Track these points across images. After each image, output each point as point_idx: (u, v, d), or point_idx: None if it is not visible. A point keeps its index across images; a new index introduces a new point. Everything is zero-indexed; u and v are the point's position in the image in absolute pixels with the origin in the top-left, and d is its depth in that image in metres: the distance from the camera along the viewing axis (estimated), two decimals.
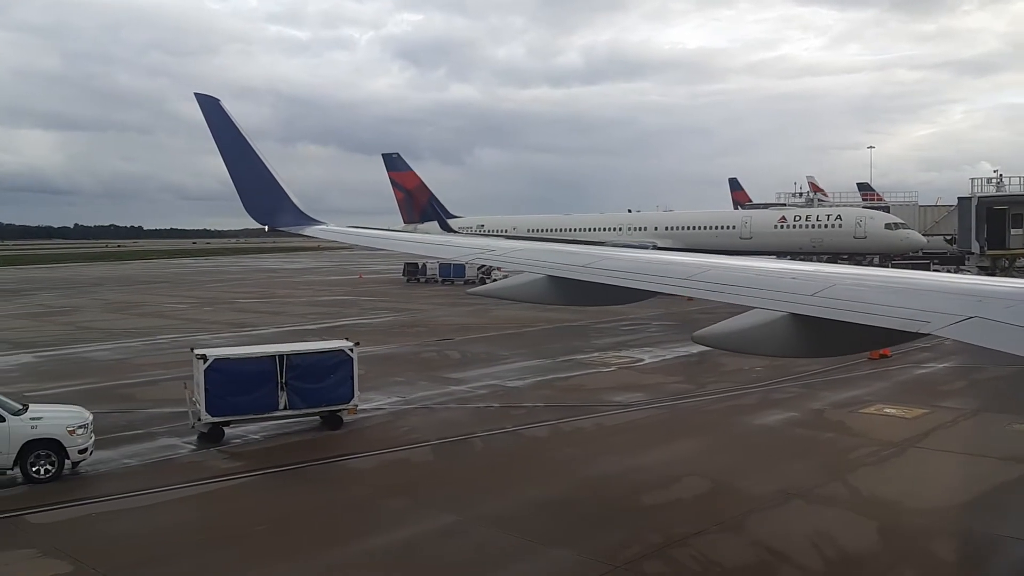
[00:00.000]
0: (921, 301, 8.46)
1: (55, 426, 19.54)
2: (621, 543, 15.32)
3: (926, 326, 7.84)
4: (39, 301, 69.02)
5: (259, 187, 18.65)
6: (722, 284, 10.39)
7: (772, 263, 15.71)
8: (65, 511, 17.71)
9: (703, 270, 11.10)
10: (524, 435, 23.34)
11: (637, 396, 27.71)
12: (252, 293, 76.08)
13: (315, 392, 23.61)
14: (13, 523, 17.04)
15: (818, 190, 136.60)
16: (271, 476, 19.94)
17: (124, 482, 19.56)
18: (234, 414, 22.88)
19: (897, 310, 8.39)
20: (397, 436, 23.40)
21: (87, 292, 78.18)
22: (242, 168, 18.59)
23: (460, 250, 17.62)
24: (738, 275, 10.81)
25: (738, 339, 9.95)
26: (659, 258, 13.46)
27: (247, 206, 18.79)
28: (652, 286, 11.31)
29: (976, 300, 8.17)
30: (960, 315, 7.79)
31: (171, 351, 38.95)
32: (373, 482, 19.57)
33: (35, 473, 19.18)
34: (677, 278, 11.03)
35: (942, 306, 8.18)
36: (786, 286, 9.85)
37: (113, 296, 73.47)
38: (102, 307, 63.22)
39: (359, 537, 16.05)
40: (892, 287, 9.46)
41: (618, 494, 18.22)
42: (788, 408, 25.88)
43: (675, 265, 11.96)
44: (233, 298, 70.52)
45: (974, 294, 8.54)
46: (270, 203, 18.85)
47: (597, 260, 12.65)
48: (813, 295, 9.21)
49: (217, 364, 22.71)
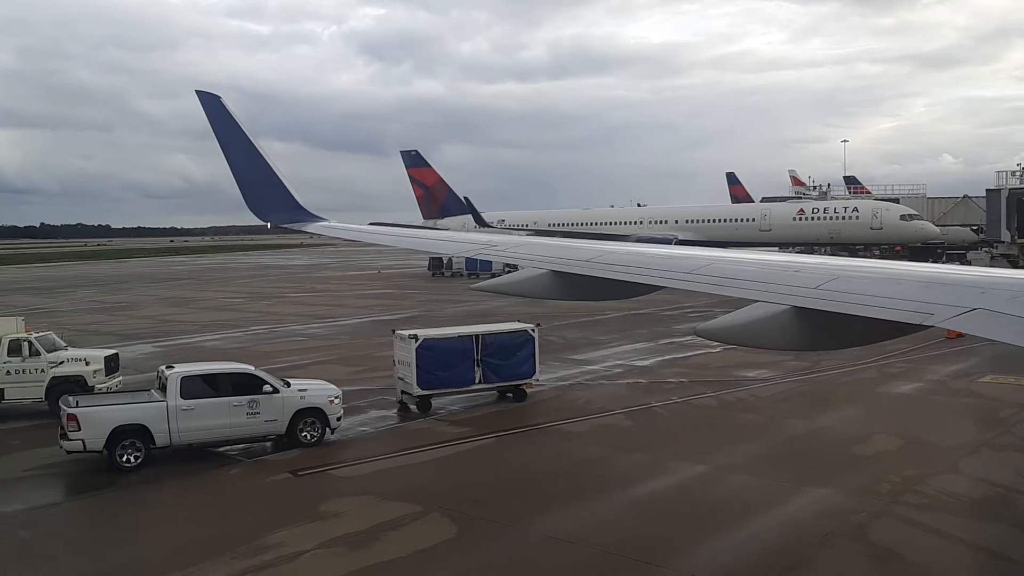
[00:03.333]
0: (925, 293, 8.51)
1: (318, 397, 22.07)
2: (870, 483, 18.20)
3: (930, 318, 7.86)
4: (85, 297, 70.44)
5: (261, 184, 18.85)
6: (726, 278, 10.49)
7: (776, 256, 15.97)
8: (361, 467, 20.26)
9: (707, 264, 11.23)
10: (695, 404, 26.13)
11: (765, 372, 30.56)
12: (291, 287, 78.02)
13: (505, 368, 26.30)
14: (325, 476, 19.63)
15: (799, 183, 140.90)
16: (506, 438, 22.62)
17: (381, 445, 22.19)
18: (439, 388, 25.50)
19: (901, 302, 8.42)
20: (581, 407, 26.08)
21: (123, 289, 79.55)
22: (244, 165, 18.79)
23: (464, 245, 18.60)
24: (742, 269, 10.94)
25: (742, 332, 10.09)
26: (664, 252, 13.64)
27: (249, 203, 19.02)
28: (657, 280, 11.37)
29: (980, 292, 8.15)
30: (964, 307, 7.82)
31: (283, 340, 41.32)
32: (603, 442, 22.24)
33: (303, 438, 21.65)
34: (682, 272, 11.23)
35: (946, 298, 8.19)
36: (789, 279, 9.92)
37: (154, 292, 75.08)
38: (157, 302, 64.89)
39: (631, 485, 18.71)
40: (895, 279, 9.49)
41: (828, 448, 21.13)
42: (911, 380, 28.95)
43: (680, 259, 12.20)
44: (278, 292, 72.48)
45: (978, 286, 8.47)
46: (272, 200, 19.04)
47: (601, 255, 12.76)
48: (816, 288, 9.29)
49: (426, 343, 25.32)
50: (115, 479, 19.54)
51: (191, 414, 20.43)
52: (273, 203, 19.06)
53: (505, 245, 15.35)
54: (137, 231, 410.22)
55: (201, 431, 20.66)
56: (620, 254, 12.78)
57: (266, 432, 21.38)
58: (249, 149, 18.71)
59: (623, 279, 11.60)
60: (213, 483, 19.54)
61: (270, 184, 18.84)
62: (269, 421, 21.24)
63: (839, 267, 10.39)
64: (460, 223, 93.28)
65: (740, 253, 13.23)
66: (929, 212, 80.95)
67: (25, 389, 25.26)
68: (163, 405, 20.34)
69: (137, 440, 19.99)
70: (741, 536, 15.45)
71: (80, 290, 78.80)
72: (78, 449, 19.79)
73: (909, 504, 17.05)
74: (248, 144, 18.72)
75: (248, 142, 18.72)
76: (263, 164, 18.84)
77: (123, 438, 19.87)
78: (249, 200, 18.93)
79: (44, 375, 25.20)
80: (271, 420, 21.26)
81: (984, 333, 7.43)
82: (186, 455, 20.73)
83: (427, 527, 16.26)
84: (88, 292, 76.08)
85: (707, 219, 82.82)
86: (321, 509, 17.39)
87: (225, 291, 75.36)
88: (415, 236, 20.62)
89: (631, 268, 11.83)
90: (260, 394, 21.22)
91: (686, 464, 19.87)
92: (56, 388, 25.04)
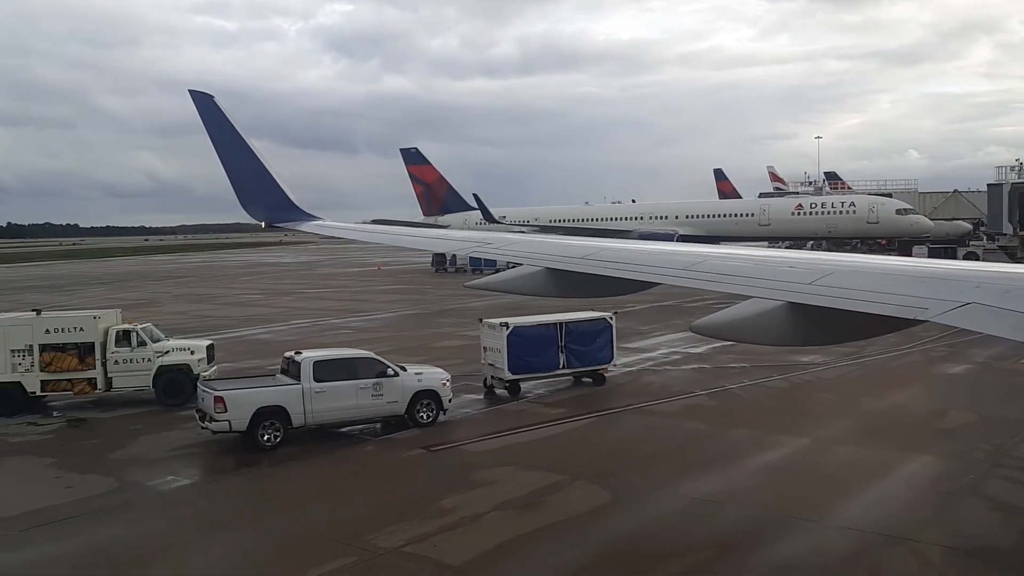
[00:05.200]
0: (918, 288, 8.53)
1: (433, 380, 23.50)
2: (964, 451, 19.97)
3: (924, 313, 7.90)
4: (99, 295, 70.89)
5: (255, 183, 18.84)
6: (720, 274, 10.52)
7: (770, 251, 16.52)
8: (485, 443, 21.73)
9: (702, 260, 11.26)
10: (768, 386, 27.80)
11: (817, 357, 32.20)
12: (302, 284, 78.87)
13: (586, 354, 27.87)
14: (457, 451, 21.11)
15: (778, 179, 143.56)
16: (607, 417, 24.21)
17: (490, 424, 23.68)
18: (528, 372, 27.02)
19: (894, 297, 8.46)
20: (659, 390, 27.66)
21: (131, 288, 79.87)
22: (238, 165, 18.76)
23: (458, 243, 19.02)
24: (736, 265, 11.03)
25: (736, 328, 10.19)
26: (659, 249, 13.63)
27: (243, 202, 19.01)
28: (652, 277, 11.43)
29: (973, 286, 8.19)
30: (957, 301, 7.86)
31: (331, 332, 42.54)
32: (701, 419, 23.86)
33: (420, 418, 23.05)
34: (677, 268, 11.22)
35: (939, 293, 8.22)
36: (783, 275, 9.93)
37: (166, 290, 75.67)
38: (176, 300, 65.55)
39: (749, 455, 20.27)
40: (889, 274, 9.56)
41: (911, 422, 22.91)
42: (957, 362, 30.88)
43: (674, 255, 12.18)
44: (295, 288, 73.34)
45: (970, 280, 8.51)
46: (266, 199, 19.04)
47: (595, 252, 12.77)
48: (811, 283, 9.31)
49: (516, 331, 26.82)
50: (258, 458, 20.80)
51: (323, 396, 21.77)
52: (268, 202, 19.11)
53: (499, 243, 15.58)
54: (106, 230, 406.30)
55: (332, 412, 22.01)
56: (614, 251, 12.86)
57: (388, 413, 22.76)
58: (243, 148, 18.69)
59: (617, 276, 11.65)
60: (357, 459, 20.94)
61: (265, 183, 18.88)
62: (391, 402, 22.63)
63: (833, 262, 10.49)
64: (461, 220, 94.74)
65: (734, 249, 13.66)
66: (920, 207, 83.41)
67: (133, 378, 26.40)
68: (299, 388, 21.65)
69: (276, 420, 21.29)
70: (874, 496, 17.13)
71: (88, 288, 79.08)
72: (224, 429, 21.05)
73: (1009, 467, 18.86)
74: (242, 143, 18.69)
75: (242, 141, 18.70)
76: (257, 163, 18.84)
77: (264, 419, 21.18)
78: (243, 199, 18.95)
79: (151, 364, 26.35)
80: (392, 401, 22.65)
81: (978, 327, 7.50)
82: (313, 436, 21.98)
83: (581, 493, 17.76)
84: (99, 290, 76.46)
85: (707, 214, 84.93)
86: (474, 478, 18.85)
87: (236, 288, 76.05)
88: (410, 235, 20.99)
89: (625, 265, 11.88)
90: (383, 377, 22.56)
91: (790, 437, 21.51)
92: (162, 377, 26.25)
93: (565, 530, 15.65)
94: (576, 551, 14.72)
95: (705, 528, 15.80)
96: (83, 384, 26.09)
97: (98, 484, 19.06)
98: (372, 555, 14.75)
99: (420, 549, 14.92)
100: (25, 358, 25.66)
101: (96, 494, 18.40)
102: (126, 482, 19.33)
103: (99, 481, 19.29)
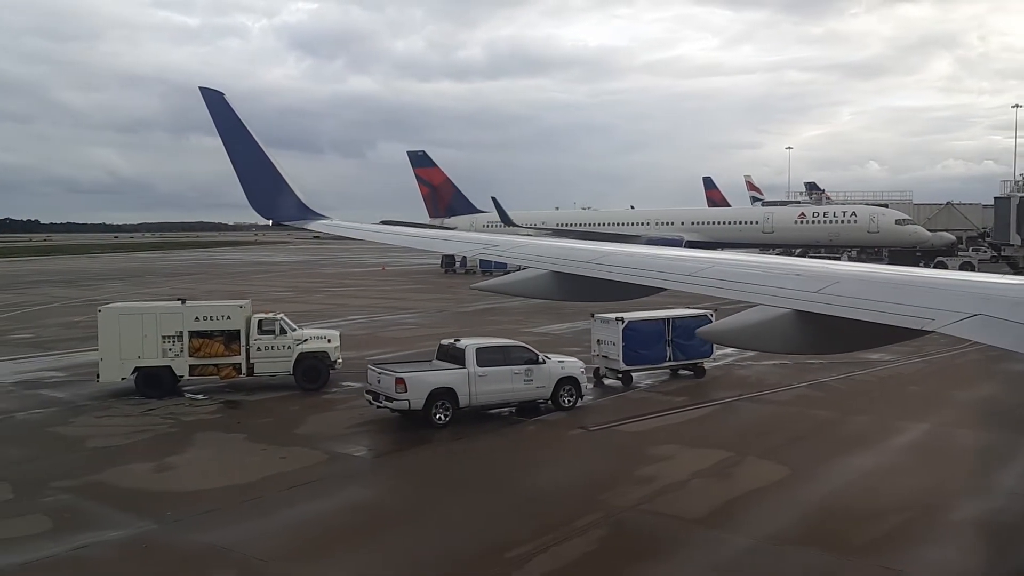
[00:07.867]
0: (925, 298, 8.54)
1: (574, 368, 25.56)
2: None
3: (930, 323, 7.91)
4: (122, 291, 71.60)
5: (263, 181, 18.99)
6: (726, 281, 10.56)
7: (776, 259, 16.67)
8: (634, 424, 23.77)
9: (708, 266, 11.30)
10: (857, 379, 30.06)
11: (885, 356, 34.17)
12: (321, 282, 79.98)
13: (690, 348, 30.02)
14: (614, 431, 23.18)
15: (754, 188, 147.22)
16: (729, 404, 26.36)
17: (624, 409, 25.64)
18: (639, 364, 29.14)
19: (902, 307, 8.45)
20: (757, 383, 29.82)
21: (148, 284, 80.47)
22: (246, 162, 18.87)
23: (466, 245, 19.92)
24: (742, 271, 10.98)
25: (743, 336, 10.31)
26: (664, 254, 13.78)
27: (251, 200, 19.21)
28: (657, 282, 11.49)
29: (981, 298, 8.21)
30: (965, 313, 7.85)
31: (396, 328, 44.27)
32: (819, 407, 25.99)
33: (563, 402, 25.05)
34: (681, 274, 11.28)
35: (946, 304, 8.21)
36: (790, 283, 9.94)
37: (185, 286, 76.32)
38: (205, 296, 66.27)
39: (885, 438, 22.36)
40: (896, 284, 9.53)
41: (1011, 409, 25.35)
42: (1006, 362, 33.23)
43: (679, 261, 12.31)
44: (316, 287, 74.51)
45: (978, 292, 8.55)
46: (274, 197, 19.24)
47: (601, 256, 12.84)
48: (817, 292, 9.31)
49: (630, 325, 28.93)
50: (430, 434, 22.60)
51: (485, 379, 23.70)
52: (275, 201, 19.33)
53: (506, 245, 15.83)
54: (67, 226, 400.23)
55: (491, 394, 23.98)
56: (620, 255, 12.96)
57: (536, 397, 24.73)
58: (253, 147, 18.74)
59: (623, 280, 11.73)
60: (528, 437, 22.87)
61: (274, 182, 19.04)
62: (540, 387, 24.62)
63: (840, 271, 10.51)
64: (468, 222, 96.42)
65: (739, 255, 14.32)
66: (915, 217, 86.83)
67: (274, 364, 28.07)
68: (464, 372, 23.54)
69: (447, 401, 23.16)
70: (1018, 469, 19.41)
71: (106, 284, 79.57)
72: (404, 408, 22.92)
73: None
74: (252, 142, 18.75)
75: (252, 140, 18.76)
76: (267, 162, 18.92)
77: (437, 399, 23.03)
78: (252, 198, 19.09)
79: (291, 351, 28.04)
80: (541, 386, 24.64)
81: (985, 339, 7.50)
82: (469, 418, 23.78)
83: (758, 467, 19.86)
84: (117, 285, 77.03)
85: (713, 221, 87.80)
86: (650, 454, 20.89)
87: (257, 285, 76.93)
88: (420, 236, 21.25)
89: (631, 270, 11.96)
90: (532, 364, 24.52)
91: (911, 423, 23.80)
92: (303, 363, 27.96)
93: (771, 493, 17.73)
94: (795, 510, 16.79)
95: (889, 495, 17.92)
96: (228, 369, 27.71)
97: (309, 456, 20.78)
98: (615, 511, 16.72)
99: (654, 507, 16.94)
100: (175, 344, 27.23)
101: (316, 463, 20.20)
102: (333, 453, 21.06)
103: (307, 453, 20.99)
